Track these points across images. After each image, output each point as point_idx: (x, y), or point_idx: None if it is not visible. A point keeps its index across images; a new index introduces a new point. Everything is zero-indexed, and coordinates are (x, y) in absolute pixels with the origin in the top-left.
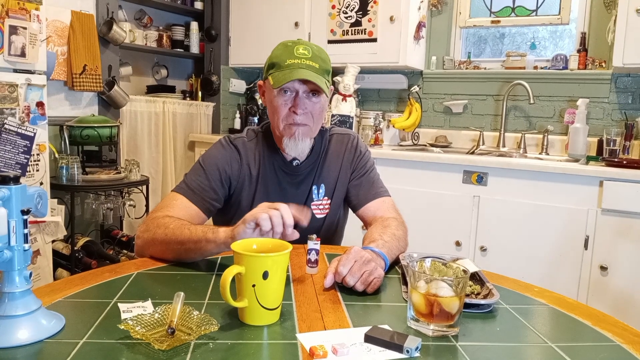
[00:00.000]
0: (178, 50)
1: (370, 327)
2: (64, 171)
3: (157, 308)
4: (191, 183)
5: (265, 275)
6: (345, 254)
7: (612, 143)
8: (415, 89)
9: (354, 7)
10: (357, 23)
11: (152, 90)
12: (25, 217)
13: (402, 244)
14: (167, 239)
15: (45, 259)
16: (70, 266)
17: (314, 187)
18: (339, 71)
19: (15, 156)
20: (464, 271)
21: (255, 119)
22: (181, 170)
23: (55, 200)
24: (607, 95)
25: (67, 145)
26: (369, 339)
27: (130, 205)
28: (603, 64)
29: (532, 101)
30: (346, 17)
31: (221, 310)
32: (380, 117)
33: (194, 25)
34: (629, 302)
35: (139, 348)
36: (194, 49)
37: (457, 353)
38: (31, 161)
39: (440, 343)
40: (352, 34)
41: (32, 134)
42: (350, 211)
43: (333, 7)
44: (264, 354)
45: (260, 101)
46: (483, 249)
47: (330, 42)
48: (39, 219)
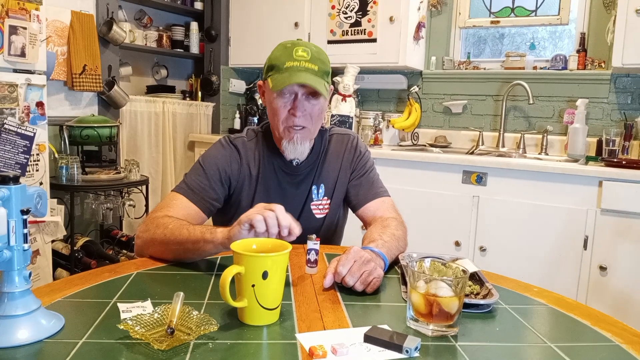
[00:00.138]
0: (178, 50)
1: (369, 327)
2: (63, 171)
3: (156, 308)
4: (191, 183)
5: (264, 275)
6: (344, 254)
7: (611, 143)
8: (414, 89)
9: (353, 8)
10: (356, 23)
11: (152, 90)
12: (24, 217)
13: (402, 244)
14: (166, 239)
15: (45, 259)
16: (70, 266)
17: (313, 187)
18: (339, 71)
19: (15, 156)
20: (464, 271)
21: (255, 119)
22: (181, 170)
23: (55, 200)
24: (607, 96)
25: (67, 145)
26: (368, 339)
27: (129, 205)
28: (602, 64)
29: (531, 101)
30: (346, 18)
31: (221, 310)
32: (380, 117)
33: (194, 26)
34: (628, 302)
35: (138, 348)
36: (194, 49)
37: (456, 353)
38: (31, 161)
39: (440, 343)
40: (351, 34)
41: (32, 134)
42: (349, 211)
43: (333, 7)
44: (263, 354)
45: (260, 101)
46: (482, 249)
47: (330, 42)
48: (38, 219)
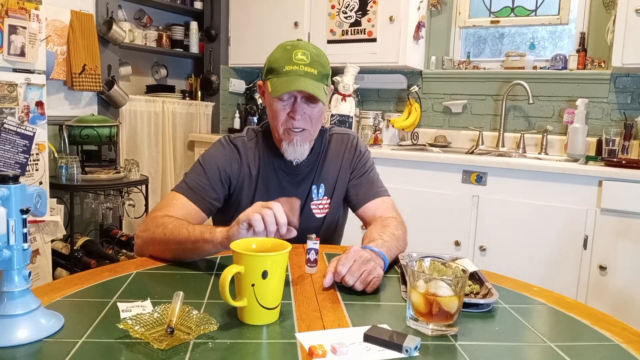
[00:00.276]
0: (178, 50)
1: (369, 327)
2: (63, 171)
3: (156, 307)
4: (191, 182)
5: (264, 274)
6: (344, 254)
7: (611, 143)
8: (414, 88)
9: (353, 7)
10: (356, 23)
11: (151, 90)
12: (24, 216)
13: (402, 243)
14: (166, 238)
15: (45, 259)
16: (70, 266)
17: (313, 186)
18: (339, 71)
19: (14, 155)
20: (463, 271)
21: (255, 119)
22: (181, 169)
23: (55, 199)
24: (606, 95)
25: (67, 145)
26: (368, 338)
27: (129, 204)
28: (602, 64)
29: (531, 101)
30: (346, 17)
31: (220, 309)
32: (380, 117)
33: (194, 25)
34: (628, 302)
35: (138, 347)
36: (194, 48)
37: (456, 352)
38: (30, 161)
39: (440, 342)
40: (351, 34)
41: (32, 134)
42: (349, 211)
43: (332, 7)
44: (263, 354)
45: (259, 101)
46: (482, 248)
47: (329, 42)
48: (38, 219)
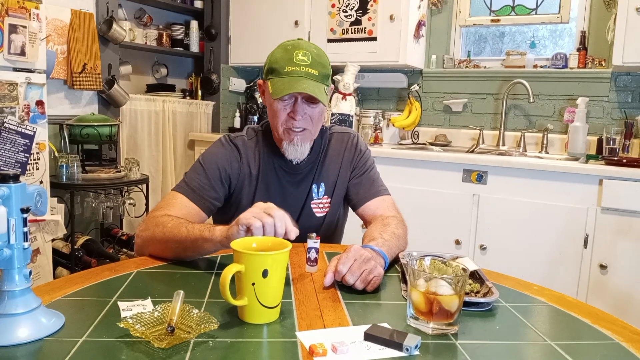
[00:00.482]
0: (178, 49)
1: (369, 326)
2: (63, 170)
3: (156, 306)
4: (191, 182)
5: (264, 273)
6: (344, 253)
7: (611, 142)
8: (415, 87)
9: (353, 6)
10: (357, 22)
11: (152, 89)
12: (24, 215)
13: (402, 242)
14: (165, 237)
15: (45, 258)
16: (70, 265)
17: (313, 185)
18: (339, 70)
19: (15, 155)
20: (464, 269)
21: (255, 118)
22: (181, 169)
23: (55, 199)
24: (607, 94)
25: (67, 144)
26: (368, 337)
27: (130, 204)
28: (603, 62)
29: (531, 100)
30: (346, 16)
31: (221, 308)
32: (380, 115)
33: (194, 24)
34: (629, 301)
35: (138, 346)
36: (194, 47)
37: (456, 351)
38: (31, 160)
39: (440, 341)
40: (352, 33)
41: (32, 133)
42: (350, 210)
43: (333, 5)
44: (263, 352)
45: (260, 100)
46: (483, 247)
47: (330, 40)
48: (38, 218)
